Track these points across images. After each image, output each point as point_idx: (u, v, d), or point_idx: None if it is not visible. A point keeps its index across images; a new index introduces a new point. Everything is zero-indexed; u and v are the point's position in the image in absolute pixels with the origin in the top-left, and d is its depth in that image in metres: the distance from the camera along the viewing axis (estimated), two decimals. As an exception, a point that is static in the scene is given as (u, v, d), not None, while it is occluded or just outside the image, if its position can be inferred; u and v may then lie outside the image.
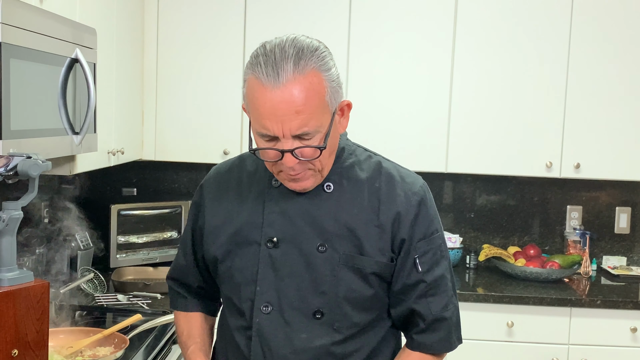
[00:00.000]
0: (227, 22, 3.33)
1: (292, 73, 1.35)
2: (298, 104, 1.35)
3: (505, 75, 3.35)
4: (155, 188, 3.75)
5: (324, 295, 1.47)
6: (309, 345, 1.48)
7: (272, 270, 1.49)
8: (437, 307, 1.52)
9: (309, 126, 1.38)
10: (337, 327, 1.48)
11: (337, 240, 1.47)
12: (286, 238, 1.49)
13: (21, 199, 1.61)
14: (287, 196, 1.50)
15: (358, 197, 1.50)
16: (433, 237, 1.54)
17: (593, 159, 3.36)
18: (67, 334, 2.20)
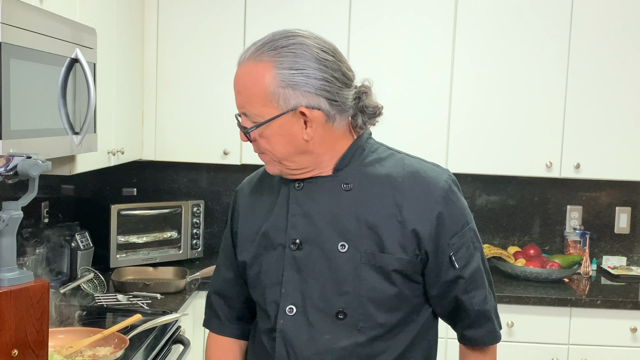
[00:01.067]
0: (227, 22, 3.33)
1: (248, 57, 1.44)
2: (240, 85, 1.46)
3: (505, 75, 3.35)
4: (155, 188, 3.75)
5: (347, 295, 1.46)
6: (333, 346, 1.46)
7: (296, 272, 1.49)
8: (478, 300, 1.53)
9: (245, 108, 1.45)
10: (361, 327, 1.47)
11: (358, 238, 1.46)
12: (309, 239, 1.48)
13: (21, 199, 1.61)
14: (309, 197, 1.50)
15: (379, 194, 1.48)
16: (464, 230, 1.51)
17: (593, 159, 3.36)
18: (67, 334, 2.20)
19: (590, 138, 3.35)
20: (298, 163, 1.48)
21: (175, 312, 2.65)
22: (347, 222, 1.47)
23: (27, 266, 2.56)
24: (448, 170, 1.59)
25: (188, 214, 3.47)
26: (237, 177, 3.72)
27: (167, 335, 2.46)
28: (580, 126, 3.35)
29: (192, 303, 3.03)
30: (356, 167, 1.52)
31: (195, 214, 3.48)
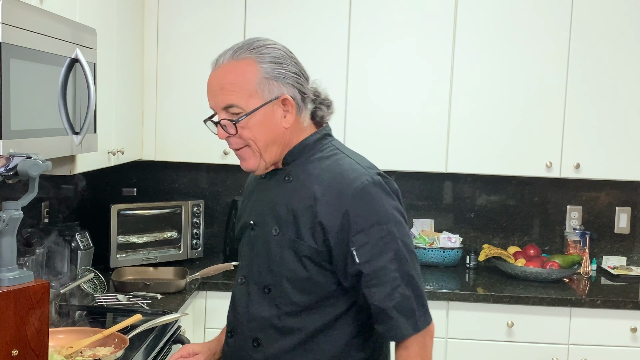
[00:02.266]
0: (228, 22, 3.33)
1: (230, 57, 1.64)
2: (224, 81, 1.62)
3: (505, 75, 3.35)
4: (155, 188, 3.75)
5: (272, 273, 1.68)
6: (258, 315, 1.69)
7: (249, 249, 1.75)
8: (378, 297, 1.60)
9: (231, 101, 1.61)
10: (278, 302, 1.67)
11: (286, 224, 1.66)
12: (259, 222, 1.73)
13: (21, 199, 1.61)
14: (265, 187, 1.74)
15: (305, 188, 1.66)
16: (372, 229, 1.60)
17: (593, 159, 3.36)
18: (67, 334, 2.20)
19: (590, 138, 3.36)
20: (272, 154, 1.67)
21: (175, 312, 2.65)
22: (281, 209, 1.67)
23: (27, 266, 2.56)
24: (375, 174, 1.69)
25: (188, 214, 3.47)
26: (237, 177, 3.72)
27: (167, 335, 2.46)
28: (580, 126, 3.35)
29: (192, 303, 3.03)
30: (301, 162, 1.70)
31: (195, 214, 3.48)
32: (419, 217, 3.76)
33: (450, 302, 3.13)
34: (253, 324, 1.70)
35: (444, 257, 3.56)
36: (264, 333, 1.69)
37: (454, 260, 3.58)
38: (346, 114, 3.38)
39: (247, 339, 1.72)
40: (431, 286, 3.20)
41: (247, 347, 1.72)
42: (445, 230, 3.74)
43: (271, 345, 1.68)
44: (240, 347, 1.73)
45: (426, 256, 3.57)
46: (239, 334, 1.74)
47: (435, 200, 3.77)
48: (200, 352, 1.88)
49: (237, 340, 1.75)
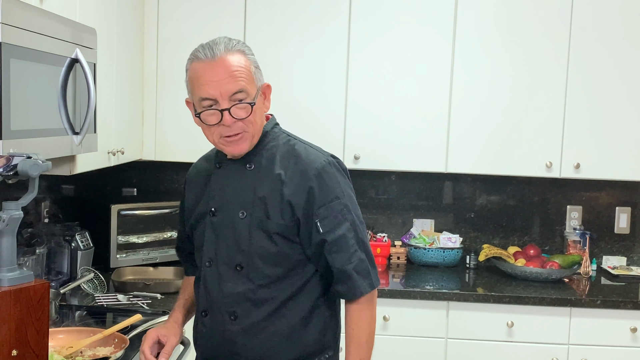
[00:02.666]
0: (227, 22, 3.33)
1: (224, 50, 1.78)
2: (232, 69, 1.76)
3: (505, 75, 3.35)
4: (155, 188, 3.75)
5: (243, 253, 1.85)
6: (233, 291, 1.86)
7: (213, 234, 1.89)
8: (340, 261, 1.84)
9: (242, 87, 1.77)
10: (252, 277, 1.85)
11: (252, 208, 1.84)
12: (221, 208, 1.88)
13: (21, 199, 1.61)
14: (223, 174, 1.90)
15: (270, 173, 1.85)
16: (332, 203, 1.85)
17: (593, 159, 3.36)
18: (67, 334, 2.20)
19: (590, 138, 3.36)
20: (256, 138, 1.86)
21: (175, 312, 2.64)
22: (246, 194, 1.85)
23: (27, 266, 2.56)
24: (329, 156, 1.91)
25: (188, 214, 3.46)
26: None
27: (167, 335, 2.46)
28: (580, 126, 3.35)
29: (192, 303, 3.03)
30: (258, 150, 1.88)
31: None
32: (419, 217, 3.77)
33: (450, 302, 3.13)
34: (228, 300, 1.86)
35: (444, 257, 3.56)
36: (240, 306, 1.86)
37: (454, 260, 3.59)
38: (346, 114, 3.38)
39: (223, 314, 1.87)
40: (431, 286, 3.21)
41: (224, 322, 1.87)
42: (445, 230, 3.74)
43: (247, 317, 1.86)
44: (218, 323, 1.89)
45: (426, 256, 3.57)
46: (214, 311, 1.89)
47: (435, 200, 3.77)
48: (166, 334, 1.97)
49: (213, 317, 1.90)
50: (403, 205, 3.78)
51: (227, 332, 1.87)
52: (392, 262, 3.65)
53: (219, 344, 1.89)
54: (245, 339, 1.86)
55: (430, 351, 3.15)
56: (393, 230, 3.78)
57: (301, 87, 3.37)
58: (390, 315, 3.13)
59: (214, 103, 1.78)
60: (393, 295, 3.13)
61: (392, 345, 3.15)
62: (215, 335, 1.90)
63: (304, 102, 3.37)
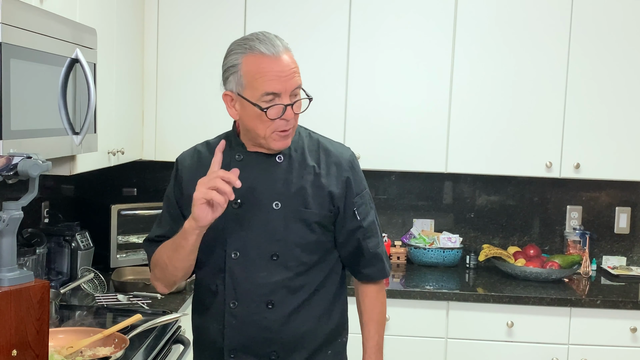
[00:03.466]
0: (227, 22, 3.34)
1: (282, 47, 1.84)
2: (293, 66, 1.83)
3: (505, 75, 3.36)
4: (155, 188, 3.75)
5: (279, 242, 1.89)
6: (268, 280, 1.89)
7: (237, 224, 1.89)
8: (373, 245, 2.00)
9: (300, 83, 1.84)
10: (289, 266, 1.90)
11: (287, 198, 1.89)
12: (248, 199, 1.88)
13: (21, 199, 1.61)
14: (248, 167, 1.89)
15: (304, 164, 1.92)
16: (363, 192, 1.99)
17: (593, 159, 3.36)
18: (67, 334, 2.20)
19: (590, 138, 3.36)
20: None
21: (175, 312, 2.64)
22: (280, 185, 1.89)
23: (27, 266, 2.56)
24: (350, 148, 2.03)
25: (188, 214, 3.46)
26: (237, 177, 3.71)
27: (167, 335, 2.46)
28: (580, 126, 3.36)
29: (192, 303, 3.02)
30: None
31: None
32: (419, 217, 3.77)
33: (450, 302, 3.13)
34: (264, 290, 1.89)
35: (444, 257, 3.56)
36: (277, 295, 1.89)
37: (454, 260, 3.59)
38: (346, 114, 3.38)
39: (259, 303, 1.89)
40: (431, 286, 3.21)
41: (260, 310, 1.90)
42: (445, 230, 3.74)
43: (284, 304, 1.90)
44: (252, 312, 1.90)
45: (426, 256, 3.57)
46: (247, 301, 1.90)
47: (435, 200, 3.77)
48: None
49: (245, 307, 1.90)
50: (403, 205, 3.78)
51: (263, 321, 1.90)
52: (392, 262, 3.64)
53: (253, 332, 1.91)
54: (281, 325, 1.90)
55: (430, 351, 3.15)
56: (393, 230, 3.78)
57: (301, 87, 3.36)
58: (390, 315, 3.13)
59: (276, 98, 1.80)
60: (393, 295, 3.13)
61: (392, 345, 3.14)
62: (250, 325, 1.91)
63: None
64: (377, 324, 2.03)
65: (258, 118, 1.81)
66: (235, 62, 1.84)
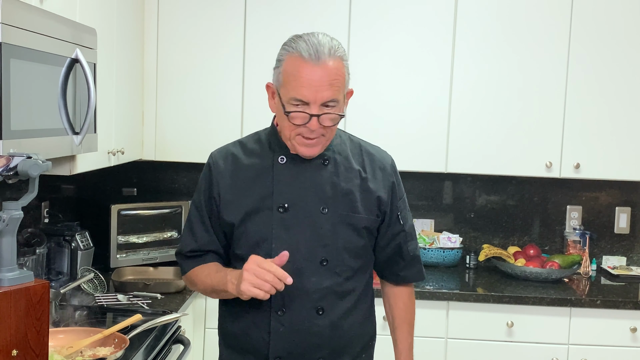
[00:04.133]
0: (227, 22, 3.34)
1: (328, 55, 1.76)
2: (332, 78, 1.76)
3: (505, 75, 3.36)
4: (155, 188, 3.75)
5: (327, 247, 1.86)
6: (319, 286, 1.86)
7: (283, 229, 1.85)
8: (413, 248, 2.02)
9: (336, 96, 1.78)
10: (338, 271, 1.88)
11: (335, 203, 1.87)
12: (295, 204, 1.85)
13: (21, 199, 1.61)
14: (293, 170, 1.87)
15: (350, 168, 1.91)
16: (404, 197, 2.03)
17: (593, 159, 3.36)
18: (67, 334, 2.20)
19: (590, 138, 3.36)
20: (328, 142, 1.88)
21: (175, 312, 2.65)
22: (327, 189, 1.87)
23: (27, 266, 2.56)
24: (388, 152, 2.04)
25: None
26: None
27: (167, 335, 2.46)
28: (580, 126, 3.36)
29: (192, 303, 3.03)
30: (329, 147, 1.90)
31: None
32: (419, 217, 3.77)
33: (450, 302, 3.13)
34: (314, 296, 1.86)
35: (444, 257, 3.56)
36: (327, 300, 1.88)
37: (453, 260, 3.59)
38: (346, 113, 3.37)
39: (309, 309, 1.87)
40: (431, 286, 3.20)
41: (310, 317, 1.87)
42: (445, 230, 3.74)
43: (333, 309, 1.89)
44: (302, 319, 1.87)
45: (426, 256, 3.57)
46: (296, 308, 1.86)
47: (435, 200, 3.77)
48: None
49: (295, 314, 1.86)
50: (403, 205, 3.77)
51: (313, 327, 1.87)
52: (392, 262, 3.64)
53: (302, 339, 1.88)
54: (331, 331, 1.90)
55: (430, 351, 3.14)
56: (393, 230, 3.77)
57: (301, 87, 3.36)
58: (390, 315, 3.13)
59: (304, 104, 1.76)
60: (393, 295, 3.13)
61: (392, 345, 3.14)
62: (298, 332, 1.87)
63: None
64: (410, 326, 2.06)
65: (284, 118, 1.80)
66: (281, 57, 1.81)
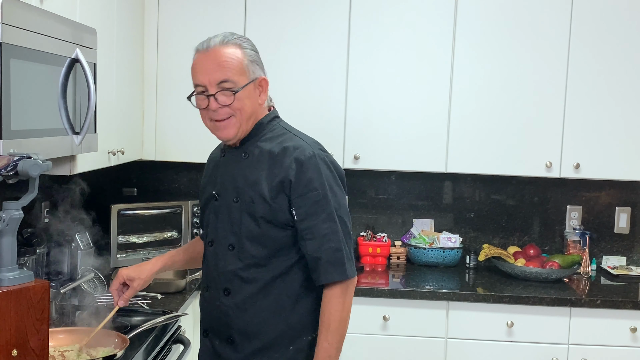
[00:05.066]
0: (227, 22, 3.33)
1: (219, 43, 1.96)
2: (221, 60, 1.94)
3: (505, 75, 3.36)
4: (155, 188, 3.75)
5: (235, 234, 2.02)
6: (226, 269, 2.04)
7: (214, 216, 2.08)
8: (311, 248, 1.97)
9: (228, 77, 1.93)
10: (241, 257, 2.02)
11: (243, 193, 2.01)
12: (221, 193, 2.07)
13: (21, 199, 1.62)
14: (225, 164, 2.08)
15: (260, 162, 2.01)
16: (309, 194, 1.96)
17: (593, 159, 3.36)
18: (67, 334, 2.20)
19: (590, 138, 3.36)
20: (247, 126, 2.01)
21: (176, 312, 2.65)
22: (239, 181, 2.02)
23: (27, 266, 2.56)
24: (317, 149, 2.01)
25: (188, 214, 3.47)
26: (237, 177, 3.72)
27: (167, 335, 2.46)
28: (580, 126, 3.36)
29: (192, 303, 3.03)
30: (254, 141, 2.04)
31: (195, 214, 3.48)
32: (419, 217, 3.77)
33: (450, 302, 3.13)
34: (223, 277, 2.05)
35: (444, 257, 3.56)
36: (232, 283, 2.03)
37: (454, 260, 3.59)
38: (346, 113, 3.38)
39: (219, 290, 2.06)
40: (431, 286, 3.21)
41: (219, 296, 2.06)
42: (445, 230, 3.74)
43: (238, 293, 2.03)
44: (214, 297, 2.08)
45: (426, 256, 3.57)
46: (212, 287, 2.09)
47: (435, 200, 3.77)
48: (135, 278, 2.18)
49: (211, 292, 2.10)
50: (403, 205, 3.78)
51: (222, 306, 2.05)
52: (392, 262, 3.65)
53: (216, 316, 2.09)
54: (237, 312, 2.03)
55: (430, 351, 3.15)
56: (393, 230, 3.78)
57: (301, 87, 3.37)
58: (390, 315, 3.13)
59: (205, 90, 1.96)
60: (393, 295, 3.13)
61: (392, 345, 3.15)
62: (213, 308, 2.09)
63: (304, 102, 3.37)
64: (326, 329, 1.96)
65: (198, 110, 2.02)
66: None
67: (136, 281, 2.18)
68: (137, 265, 2.24)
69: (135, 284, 2.18)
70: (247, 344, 2.03)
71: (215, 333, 2.10)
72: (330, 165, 2.02)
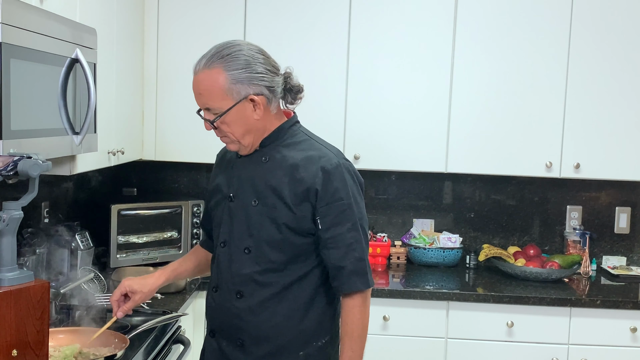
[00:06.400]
0: (227, 22, 3.34)
1: (204, 66, 1.93)
2: (200, 88, 1.95)
3: (505, 75, 3.36)
4: (155, 188, 3.75)
5: (252, 237, 2.00)
6: (240, 272, 2.02)
7: (229, 217, 2.05)
8: (334, 258, 1.97)
9: (208, 104, 1.95)
10: (258, 261, 2.00)
11: (264, 197, 1.99)
12: (238, 195, 2.04)
13: (21, 199, 1.62)
14: (242, 165, 2.05)
15: (281, 168, 1.99)
16: (335, 204, 1.96)
17: (593, 159, 3.36)
18: (67, 334, 2.20)
19: (590, 138, 3.36)
20: (248, 140, 2.00)
21: (175, 312, 2.65)
22: (259, 184, 2.00)
23: (27, 266, 2.56)
24: (341, 159, 2.02)
25: (188, 214, 3.47)
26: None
27: (167, 335, 2.46)
28: (580, 126, 3.36)
29: (192, 303, 3.03)
30: (275, 146, 2.03)
31: (195, 214, 3.48)
32: (419, 217, 3.77)
33: (450, 302, 3.13)
34: (236, 280, 2.02)
35: (444, 257, 3.56)
36: (246, 286, 2.01)
37: (454, 260, 3.59)
38: (346, 114, 3.38)
39: (231, 292, 2.04)
40: (431, 286, 3.21)
41: (231, 299, 2.04)
42: (445, 230, 3.74)
43: (252, 296, 2.01)
44: (225, 299, 2.05)
45: (426, 256, 3.57)
46: (223, 288, 2.06)
47: (435, 200, 3.77)
48: (137, 291, 2.15)
49: (222, 293, 2.07)
50: (403, 205, 3.78)
51: (233, 309, 2.03)
52: (392, 262, 3.65)
53: (225, 318, 2.06)
54: (249, 315, 2.01)
55: (430, 351, 3.15)
56: (393, 230, 3.78)
57: (301, 87, 3.36)
58: (390, 315, 3.13)
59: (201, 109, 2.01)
60: (393, 295, 3.13)
61: (392, 345, 3.15)
62: (223, 310, 2.06)
63: (304, 101, 3.35)
64: (350, 339, 1.98)
65: None
66: None
67: (138, 294, 2.15)
68: (140, 277, 2.21)
69: (137, 297, 2.15)
70: (257, 348, 2.02)
71: (224, 335, 2.08)
72: (354, 175, 2.03)
